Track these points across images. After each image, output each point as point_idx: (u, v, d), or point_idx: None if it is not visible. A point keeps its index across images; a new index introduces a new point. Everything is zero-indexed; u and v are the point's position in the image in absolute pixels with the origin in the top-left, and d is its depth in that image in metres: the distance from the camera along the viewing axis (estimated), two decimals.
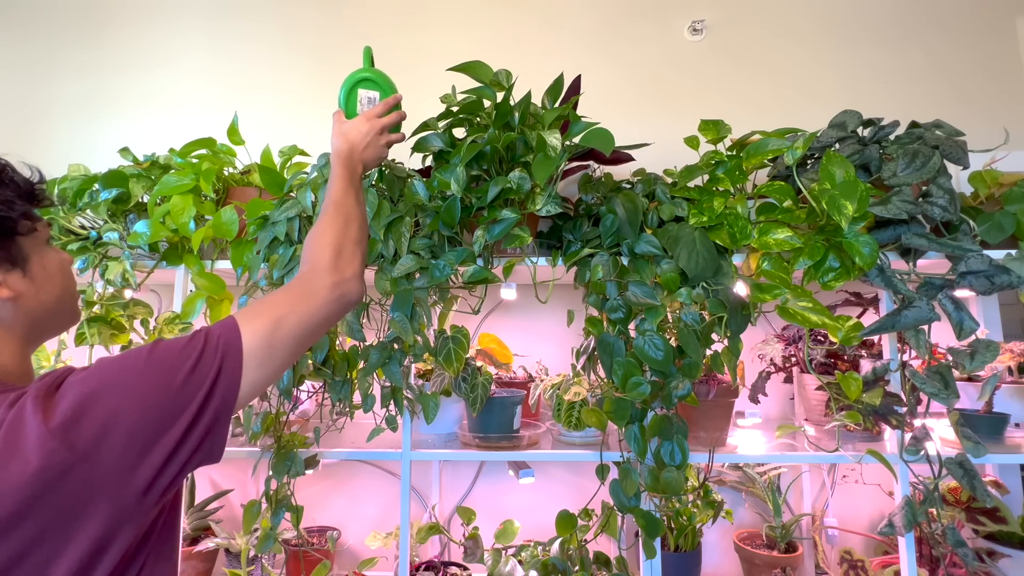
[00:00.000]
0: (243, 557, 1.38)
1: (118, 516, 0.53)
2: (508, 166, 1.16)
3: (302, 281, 0.76)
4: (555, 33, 1.76)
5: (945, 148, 1.11)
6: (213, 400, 0.59)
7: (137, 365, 0.58)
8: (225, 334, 0.62)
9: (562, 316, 1.30)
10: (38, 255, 0.65)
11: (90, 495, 0.52)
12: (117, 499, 0.53)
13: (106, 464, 0.52)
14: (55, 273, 0.67)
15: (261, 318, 0.66)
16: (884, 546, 1.46)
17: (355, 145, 0.95)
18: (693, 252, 1.06)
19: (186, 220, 1.24)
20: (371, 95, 1.02)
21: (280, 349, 0.66)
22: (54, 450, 0.50)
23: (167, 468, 0.56)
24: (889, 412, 1.13)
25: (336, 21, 1.80)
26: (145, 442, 0.54)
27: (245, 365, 0.62)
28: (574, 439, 1.30)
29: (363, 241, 0.86)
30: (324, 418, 1.46)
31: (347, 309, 0.79)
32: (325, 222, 0.84)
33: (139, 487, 0.54)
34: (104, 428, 0.53)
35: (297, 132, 1.56)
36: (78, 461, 0.51)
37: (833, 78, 1.70)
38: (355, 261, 0.81)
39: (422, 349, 1.15)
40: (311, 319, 0.71)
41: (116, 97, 1.80)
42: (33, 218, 0.64)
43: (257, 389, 0.65)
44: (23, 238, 0.63)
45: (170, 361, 0.58)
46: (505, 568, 1.33)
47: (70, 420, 0.52)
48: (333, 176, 0.91)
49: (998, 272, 1.02)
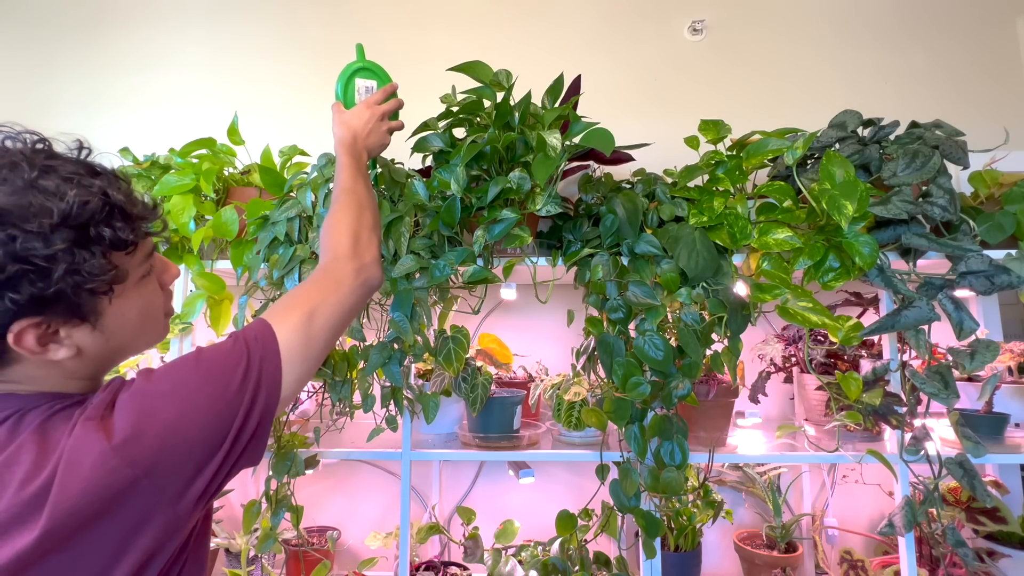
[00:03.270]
0: (243, 557, 1.38)
1: (170, 527, 0.53)
2: (508, 166, 1.16)
3: (327, 271, 0.75)
4: (555, 33, 1.76)
5: (945, 148, 1.11)
6: (258, 404, 0.58)
7: (188, 378, 0.56)
8: (261, 336, 0.62)
9: (562, 316, 1.30)
10: (119, 303, 0.57)
11: (149, 509, 0.51)
12: (172, 511, 0.53)
13: (165, 478, 0.52)
14: (134, 318, 0.60)
15: (294, 314, 0.66)
16: (884, 546, 1.46)
17: (358, 132, 0.95)
18: (693, 252, 1.06)
19: (186, 220, 1.24)
20: (368, 84, 1.04)
21: (317, 342, 0.66)
22: (116, 468, 0.50)
23: (218, 476, 0.56)
24: (889, 412, 1.13)
25: (336, 21, 1.80)
26: (203, 454, 0.54)
27: (284, 364, 0.61)
28: (574, 439, 1.30)
29: (377, 227, 0.86)
30: (324, 418, 1.46)
31: (370, 294, 0.79)
32: (339, 211, 0.84)
33: (193, 497, 0.54)
34: (163, 442, 0.52)
35: (297, 132, 1.56)
36: (140, 477, 0.51)
37: (833, 78, 1.70)
38: (372, 247, 0.81)
39: (422, 349, 1.15)
40: (341, 307, 0.71)
41: (115, 96, 1.80)
42: (121, 277, 0.56)
43: (300, 385, 0.65)
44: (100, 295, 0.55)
45: (219, 370, 0.57)
46: (505, 568, 1.33)
47: (130, 437, 0.51)
48: (340, 165, 0.91)
49: (998, 272, 1.02)
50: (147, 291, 0.62)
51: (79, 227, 0.52)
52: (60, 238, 0.50)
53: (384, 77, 1.06)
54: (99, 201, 0.53)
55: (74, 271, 0.51)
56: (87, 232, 0.52)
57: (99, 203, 0.53)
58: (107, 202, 0.54)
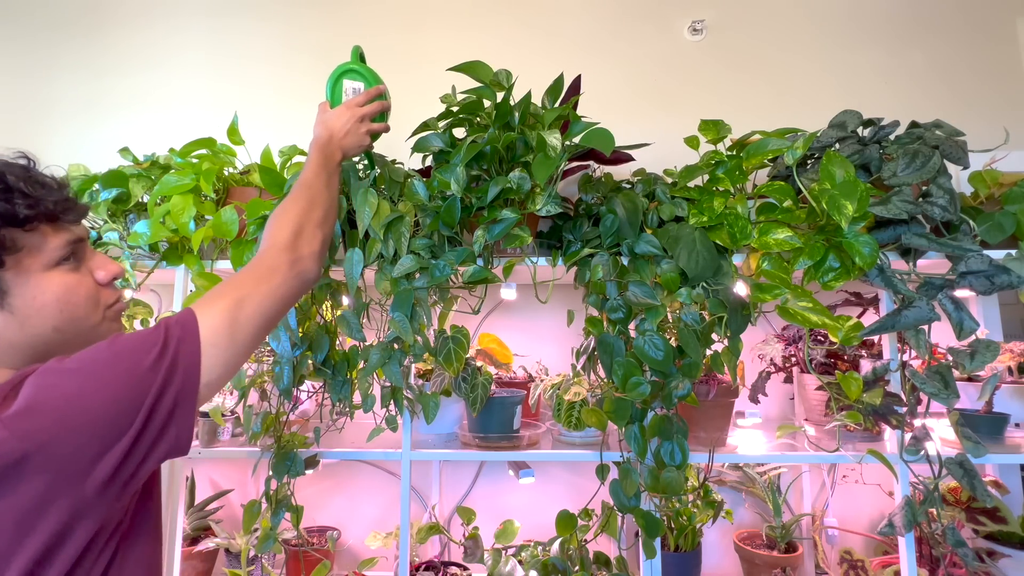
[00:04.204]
0: (243, 557, 1.38)
1: (76, 509, 0.51)
2: (508, 166, 1.16)
3: (261, 260, 0.76)
4: (555, 33, 1.76)
5: (945, 148, 1.11)
6: (172, 385, 0.57)
7: (99, 355, 0.56)
8: (181, 319, 0.62)
9: (562, 316, 1.30)
10: (25, 285, 0.59)
11: (47, 486, 0.50)
12: (76, 491, 0.51)
13: (63, 454, 0.50)
14: (50, 303, 0.60)
15: (222, 300, 0.66)
16: (884, 546, 1.46)
17: (335, 132, 0.97)
18: (693, 252, 1.06)
19: (186, 220, 1.24)
20: (356, 85, 1.06)
21: (244, 328, 0.66)
22: (3, 440, 0.48)
23: (129, 459, 0.54)
24: (889, 412, 1.13)
25: (336, 21, 1.80)
26: (106, 432, 0.53)
27: (205, 347, 0.61)
28: (574, 439, 1.30)
29: (326, 225, 0.87)
30: (324, 418, 1.46)
31: (306, 288, 0.79)
32: (289, 202, 0.85)
33: (100, 479, 0.52)
34: (62, 416, 0.51)
35: (297, 132, 1.56)
36: (32, 452, 0.49)
37: (833, 78, 1.70)
38: (314, 242, 0.82)
39: (422, 349, 1.15)
40: (272, 297, 0.72)
41: (115, 96, 1.80)
42: (10, 247, 0.57)
43: (227, 371, 0.64)
44: (3, 271, 0.57)
45: (130, 350, 0.57)
46: (505, 568, 1.33)
47: (23, 409, 0.50)
48: (307, 161, 0.94)
49: (998, 272, 1.02)
50: (68, 279, 0.62)
51: None
52: None
53: (372, 79, 1.06)
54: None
55: None
56: None
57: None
58: (2, 180, 0.57)
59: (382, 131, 1.06)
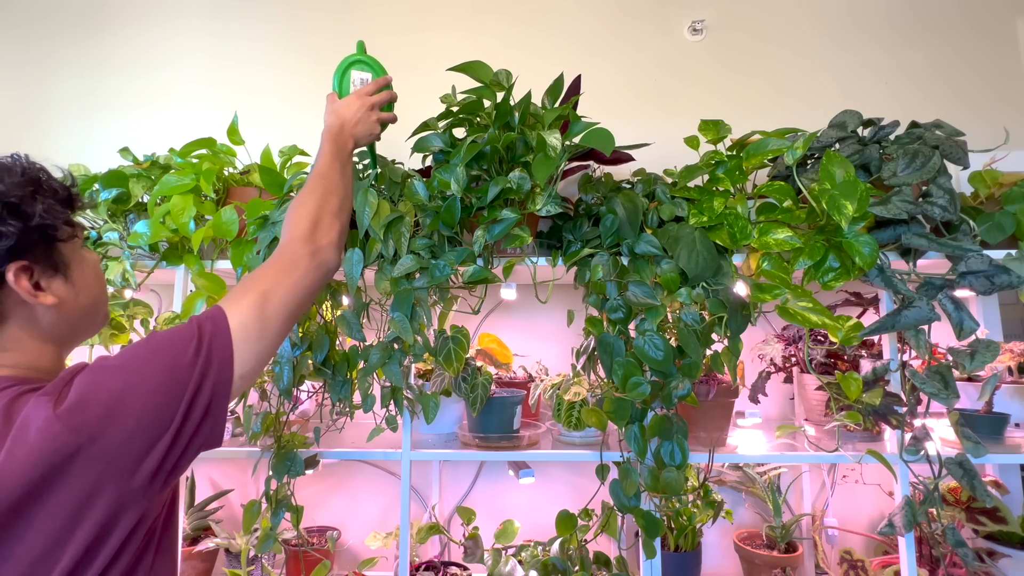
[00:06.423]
0: (243, 557, 1.38)
1: (122, 501, 0.54)
2: (508, 166, 1.16)
3: (283, 253, 0.78)
4: (555, 33, 1.76)
5: (945, 148, 1.11)
6: (209, 379, 0.60)
7: (139, 352, 0.59)
8: (211, 315, 0.65)
9: (562, 316, 1.30)
10: (78, 259, 0.66)
11: (97, 478, 0.52)
12: (123, 483, 0.54)
13: (113, 447, 0.53)
14: (91, 276, 0.68)
15: (248, 295, 0.68)
16: (884, 546, 1.46)
17: (346, 121, 0.98)
18: (693, 252, 1.06)
19: (186, 220, 1.24)
20: (363, 76, 1.07)
21: (272, 321, 0.69)
22: (58, 433, 0.51)
23: (171, 451, 0.57)
24: (889, 412, 1.13)
25: (336, 21, 1.80)
26: (154, 426, 0.56)
27: (237, 341, 0.64)
28: (574, 439, 1.30)
29: (342, 213, 0.88)
30: (324, 418, 1.46)
31: (327, 277, 0.81)
32: (305, 194, 0.86)
33: (148, 472, 0.55)
34: (110, 411, 0.54)
35: (297, 132, 1.56)
36: (84, 444, 0.52)
37: (833, 78, 1.70)
38: (332, 231, 0.84)
39: (422, 349, 1.15)
40: (296, 288, 0.74)
41: (115, 96, 1.80)
42: (73, 224, 0.64)
43: (258, 363, 0.67)
44: (64, 244, 0.63)
45: (169, 346, 0.60)
46: (505, 568, 1.33)
47: (75, 404, 0.53)
48: (320, 151, 0.94)
49: (998, 272, 1.02)
50: (93, 257, 0.69)
51: (34, 181, 0.61)
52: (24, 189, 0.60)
53: (379, 70, 1.08)
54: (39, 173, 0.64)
55: (44, 213, 0.60)
56: (40, 185, 0.62)
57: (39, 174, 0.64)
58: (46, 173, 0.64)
59: (390, 120, 1.07)
